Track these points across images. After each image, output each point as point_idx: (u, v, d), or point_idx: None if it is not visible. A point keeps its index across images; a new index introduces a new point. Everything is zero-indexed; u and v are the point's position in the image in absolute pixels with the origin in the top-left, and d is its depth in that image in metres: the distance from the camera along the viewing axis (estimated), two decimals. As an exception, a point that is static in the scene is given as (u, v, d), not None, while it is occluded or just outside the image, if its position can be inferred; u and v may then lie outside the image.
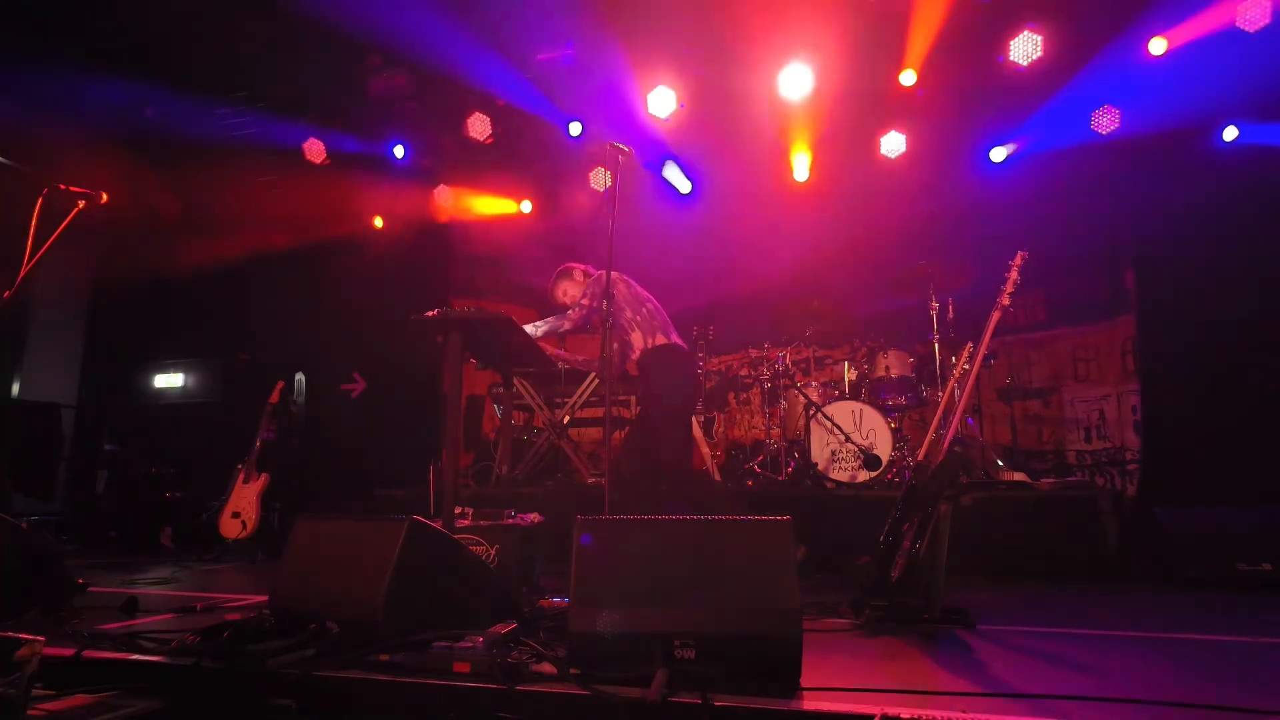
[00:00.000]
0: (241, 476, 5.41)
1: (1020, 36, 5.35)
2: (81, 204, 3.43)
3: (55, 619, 2.76)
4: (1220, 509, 3.95)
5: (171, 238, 6.95)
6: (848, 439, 5.10)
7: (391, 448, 6.59)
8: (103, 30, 5.65)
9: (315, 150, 6.74)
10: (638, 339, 3.93)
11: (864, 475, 5.04)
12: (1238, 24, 4.88)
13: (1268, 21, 4.82)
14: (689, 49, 5.87)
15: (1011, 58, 5.39)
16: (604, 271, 3.41)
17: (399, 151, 6.91)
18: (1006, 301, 3.23)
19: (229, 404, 6.61)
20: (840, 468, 5.14)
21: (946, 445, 3.10)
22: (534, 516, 3.70)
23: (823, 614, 3.00)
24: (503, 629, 2.01)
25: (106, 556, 5.41)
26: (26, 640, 1.79)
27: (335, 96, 6.51)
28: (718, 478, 5.65)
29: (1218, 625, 2.87)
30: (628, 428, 4.71)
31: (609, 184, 3.38)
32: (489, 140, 6.49)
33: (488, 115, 6.38)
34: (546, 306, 7.65)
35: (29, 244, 3.35)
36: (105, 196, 3.48)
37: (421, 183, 7.23)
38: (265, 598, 2.49)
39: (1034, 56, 5.37)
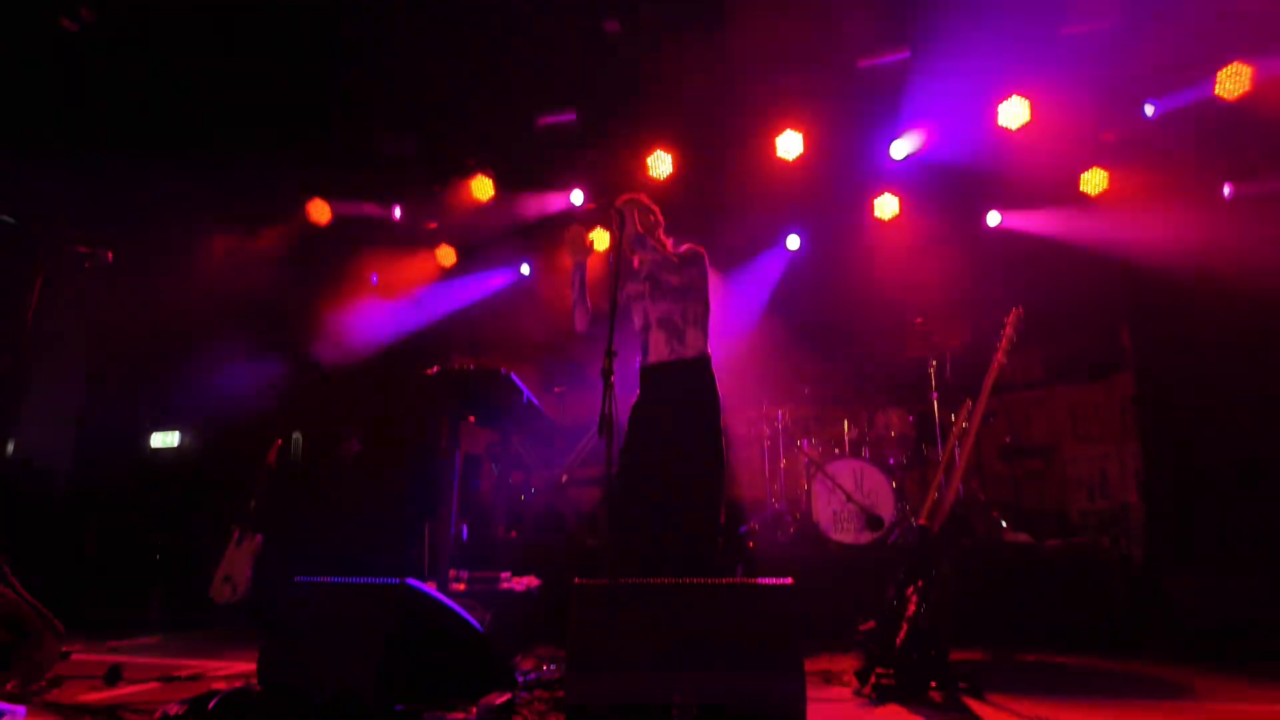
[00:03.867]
0: (235, 538, 5.33)
1: (1009, 101, 5.51)
2: (87, 264, 3.47)
3: (36, 689, 2.67)
4: (1231, 574, 3.88)
5: (172, 296, 7.00)
6: (849, 499, 5.05)
7: (387, 508, 6.50)
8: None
9: (320, 210, 6.85)
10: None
11: (867, 536, 4.97)
12: (1217, 94, 5.04)
13: (1247, 90, 4.97)
14: (687, 115, 6.03)
15: (1000, 123, 5.54)
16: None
17: (398, 213, 7.02)
18: (1003, 359, 3.24)
19: (225, 463, 6.55)
20: (843, 528, 5.07)
21: (947, 507, 3.07)
22: (530, 580, 3.64)
23: (827, 682, 2.92)
24: (497, 699, 1.95)
25: (93, 621, 5.28)
26: (5, 711, 1.73)
27: (341, 158, 6.65)
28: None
29: (1234, 694, 2.79)
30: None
31: (609, 245, 3.44)
32: (492, 201, 6.59)
33: (490, 177, 6.51)
34: (548, 364, 7.70)
35: (33, 303, 3.37)
36: (111, 256, 3.51)
37: (422, 242, 7.32)
38: (253, 666, 2.42)
39: (1023, 121, 5.52)
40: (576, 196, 6.64)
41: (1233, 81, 5.01)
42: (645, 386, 3.47)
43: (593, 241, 3.43)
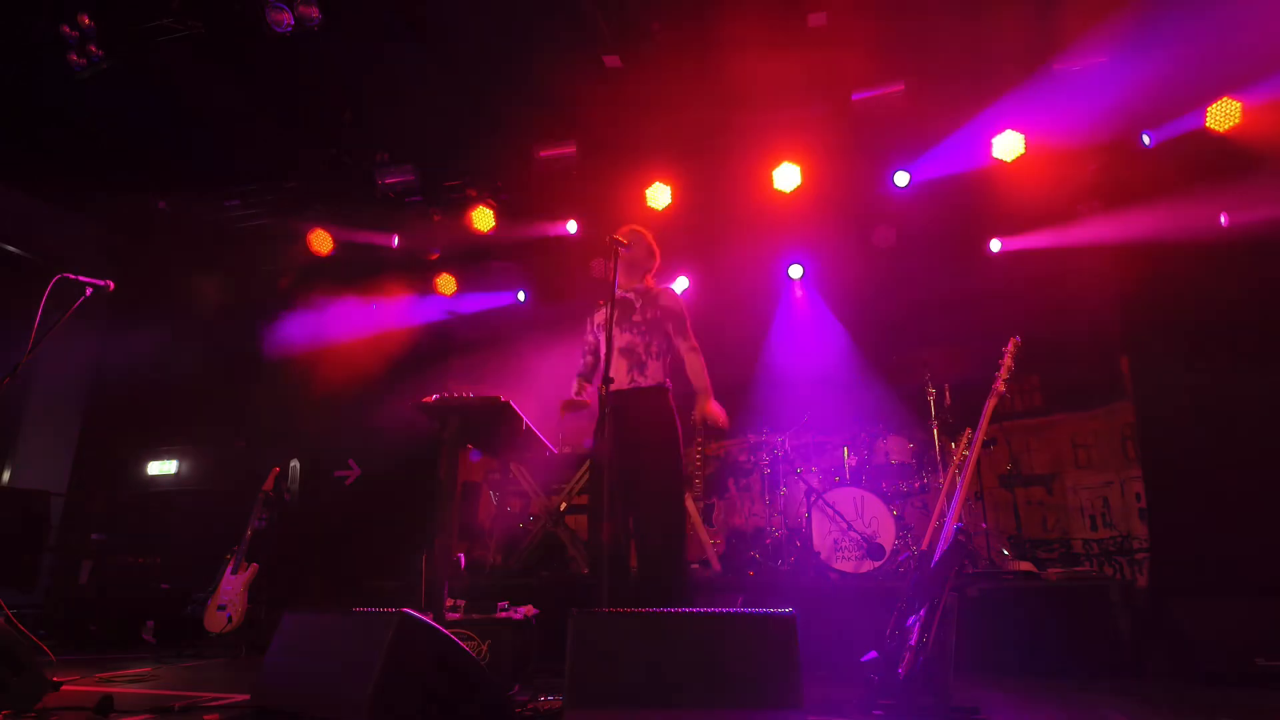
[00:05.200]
0: (230, 567, 5.28)
1: (1003, 135, 5.57)
2: (89, 292, 3.48)
3: (25, 720, 2.63)
4: (1237, 601, 3.84)
5: (177, 323, 7.04)
6: (850, 527, 5.04)
7: (384, 537, 6.46)
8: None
9: (321, 240, 6.89)
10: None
11: (868, 564, 4.95)
12: (1208, 126, 5.11)
13: (1237, 124, 5.04)
14: (685, 147, 6.10)
15: (995, 155, 5.60)
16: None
17: (396, 241, 7.07)
18: (1002, 388, 3.24)
19: (223, 491, 6.52)
20: (844, 557, 5.06)
21: (949, 535, 3.05)
22: (528, 610, 3.60)
23: (829, 713, 2.88)
24: (494, 731, 1.92)
25: (85, 651, 5.21)
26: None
27: (343, 189, 6.71)
28: (718, 567, 5.52)
29: (1242, 725, 2.74)
30: None
31: (608, 274, 3.49)
32: (493, 230, 6.64)
33: (491, 208, 6.56)
34: (547, 391, 7.70)
35: (34, 331, 3.38)
36: (113, 286, 3.53)
37: (423, 270, 7.35)
38: (247, 696, 2.38)
39: (1017, 154, 5.57)
40: (571, 226, 6.71)
41: (1223, 115, 5.09)
42: (612, 409, 3.51)
43: (585, 400, 3.80)
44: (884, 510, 5.10)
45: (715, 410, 3.52)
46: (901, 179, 5.97)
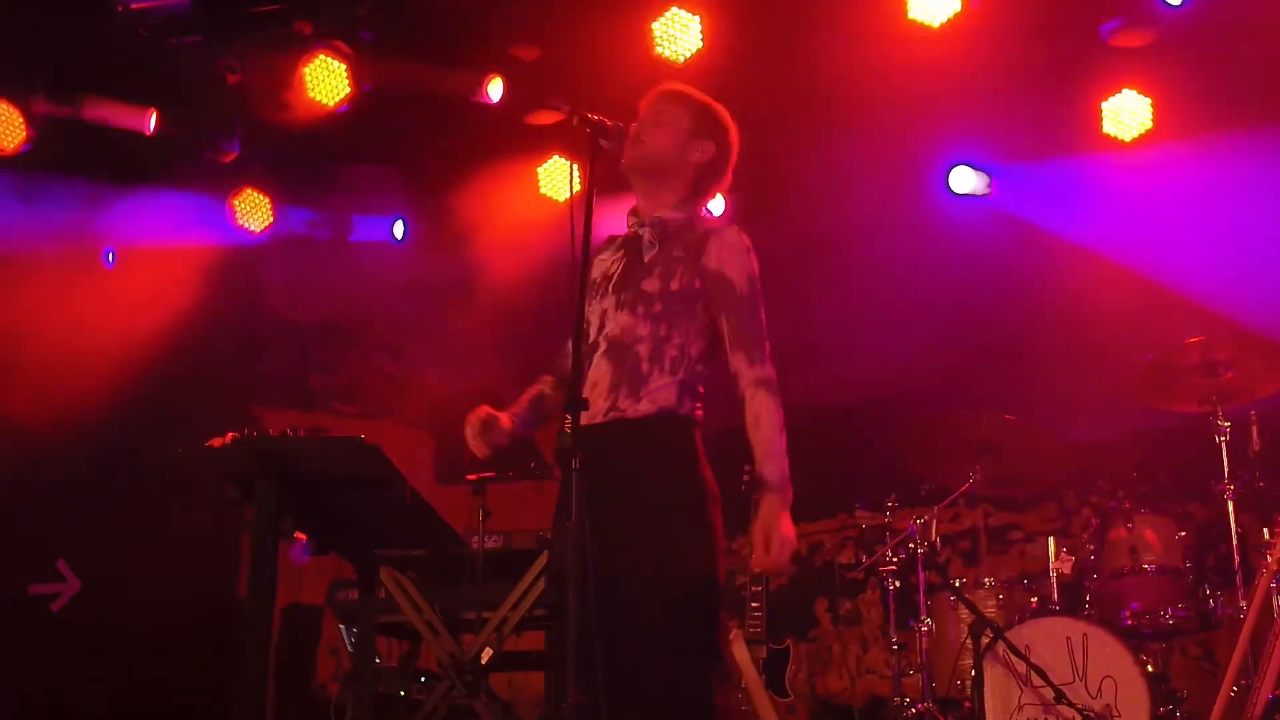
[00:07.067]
0: None
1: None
2: None
3: None
4: None
5: None
6: (1060, 696, 5.04)
7: (134, 707, 6.46)
8: None
9: (7, 122, 6.89)
10: None
11: (1097, 772, 4.97)
12: None
13: None
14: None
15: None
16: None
17: (154, 123, 7.04)
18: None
19: None
20: (1049, 754, 5.07)
21: (1261, 710, 3.05)
22: None
23: None
24: None
25: None
26: None
27: (50, 25, 6.69)
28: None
29: None
30: None
31: (578, 188, 3.41)
32: (345, 104, 6.66)
33: (342, 61, 6.56)
34: (454, 424, 7.67)
35: None
36: None
37: (210, 182, 7.39)
38: None
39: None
40: (495, 89, 6.71)
41: None
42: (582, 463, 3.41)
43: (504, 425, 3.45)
44: (1128, 662, 5.10)
45: (782, 540, 3.29)
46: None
